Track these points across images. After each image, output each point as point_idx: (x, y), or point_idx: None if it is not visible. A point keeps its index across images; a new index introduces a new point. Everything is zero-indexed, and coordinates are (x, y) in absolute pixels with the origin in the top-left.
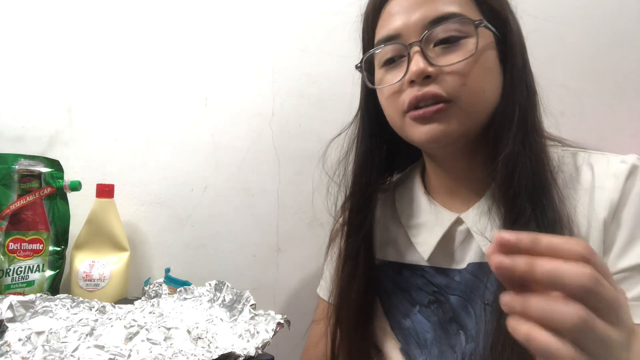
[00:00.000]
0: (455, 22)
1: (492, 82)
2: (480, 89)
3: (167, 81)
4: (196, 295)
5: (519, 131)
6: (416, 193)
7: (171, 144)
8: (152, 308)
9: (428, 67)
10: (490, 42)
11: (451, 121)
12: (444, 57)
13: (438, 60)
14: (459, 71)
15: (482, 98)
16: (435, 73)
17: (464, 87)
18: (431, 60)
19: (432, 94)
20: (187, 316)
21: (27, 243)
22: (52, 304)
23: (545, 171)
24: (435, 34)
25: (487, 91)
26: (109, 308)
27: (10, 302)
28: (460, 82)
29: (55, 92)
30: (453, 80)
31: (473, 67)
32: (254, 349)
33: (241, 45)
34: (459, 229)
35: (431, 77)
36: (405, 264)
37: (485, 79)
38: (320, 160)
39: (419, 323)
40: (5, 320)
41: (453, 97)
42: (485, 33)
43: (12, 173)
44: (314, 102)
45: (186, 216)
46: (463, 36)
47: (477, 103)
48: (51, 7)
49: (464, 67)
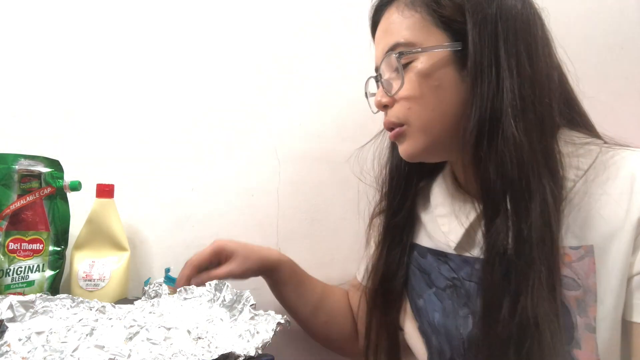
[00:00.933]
0: (394, 52)
1: (446, 96)
2: (425, 109)
3: (167, 81)
4: (196, 295)
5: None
6: (447, 183)
7: (171, 144)
8: (152, 308)
9: (382, 99)
10: (441, 59)
11: (409, 141)
12: (393, 86)
13: (390, 89)
14: (404, 97)
15: (431, 116)
16: (389, 103)
17: (409, 111)
18: (387, 90)
19: (388, 125)
20: (187, 316)
21: (27, 243)
22: (52, 304)
23: (526, 168)
24: (389, 64)
25: (438, 106)
26: (109, 308)
27: (10, 302)
28: (406, 107)
29: (55, 92)
30: (400, 106)
31: (416, 91)
32: (254, 349)
33: (241, 46)
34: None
35: (389, 106)
36: (431, 249)
37: (432, 98)
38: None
39: (430, 303)
40: (5, 320)
41: (405, 121)
42: (430, 54)
43: (12, 173)
44: (314, 102)
45: (186, 216)
46: (409, 62)
47: (427, 121)
48: (51, 7)
49: (407, 93)
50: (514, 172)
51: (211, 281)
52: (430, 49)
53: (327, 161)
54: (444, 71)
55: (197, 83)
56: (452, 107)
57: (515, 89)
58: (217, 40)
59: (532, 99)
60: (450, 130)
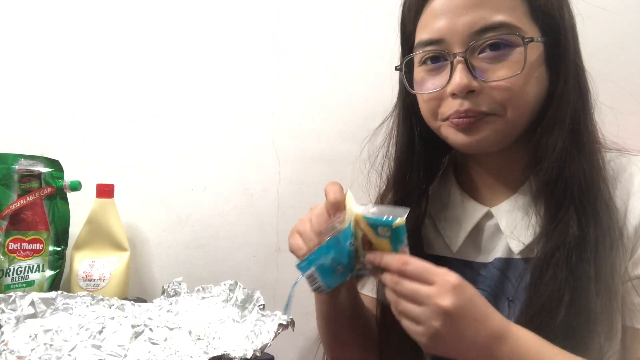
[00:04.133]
0: (503, 35)
1: (539, 91)
2: (525, 101)
3: (168, 81)
4: (214, 295)
5: (569, 133)
6: (448, 186)
7: (171, 144)
8: (170, 307)
9: (472, 82)
10: (540, 52)
11: (492, 131)
12: (489, 71)
13: (483, 73)
14: (505, 87)
15: (527, 109)
16: (479, 88)
17: (508, 102)
18: (475, 73)
19: (474, 112)
20: (201, 316)
21: (27, 243)
22: (72, 301)
23: (597, 176)
24: (481, 44)
25: (534, 101)
26: (128, 306)
27: (32, 298)
28: (505, 97)
29: (55, 92)
30: (498, 95)
31: (521, 83)
32: (252, 351)
33: (241, 46)
34: (488, 223)
35: (475, 92)
36: (430, 255)
37: (531, 91)
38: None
39: None
40: (26, 316)
41: (497, 112)
42: (533, 45)
43: (12, 173)
44: (314, 102)
45: (186, 216)
46: (511, 44)
47: (521, 115)
48: (51, 7)
49: (511, 84)
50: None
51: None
52: (541, 40)
53: (327, 161)
54: (541, 64)
55: (197, 83)
56: (541, 99)
57: (582, 85)
58: (217, 41)
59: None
60: (530, 122)
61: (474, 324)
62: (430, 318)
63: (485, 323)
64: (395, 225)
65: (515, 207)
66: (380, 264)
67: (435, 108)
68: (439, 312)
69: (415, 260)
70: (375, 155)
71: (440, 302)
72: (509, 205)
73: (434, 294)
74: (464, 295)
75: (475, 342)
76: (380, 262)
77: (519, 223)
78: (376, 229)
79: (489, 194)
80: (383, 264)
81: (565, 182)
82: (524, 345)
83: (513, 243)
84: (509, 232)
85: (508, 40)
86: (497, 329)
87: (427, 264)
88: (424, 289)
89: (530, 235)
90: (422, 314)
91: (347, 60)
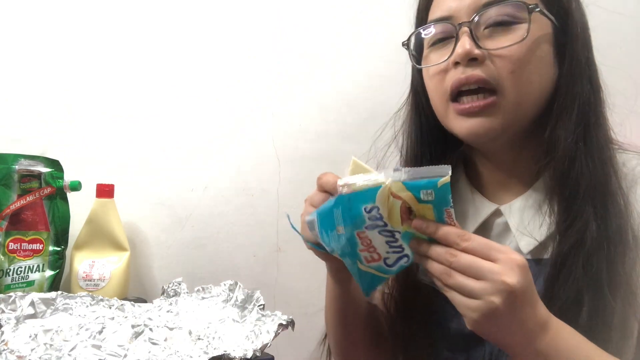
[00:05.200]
0: (508, 5)
1: (544, 74)
2: (528, 78)
3: (168, 81)
4: (214, 295)
5: (578, 126)
6: (459, 181)
7: (171, 144)
8: (170, 307)
9: (474, 49)
10: (547, 32)
11: (496, 116)
12: (493, 40)
13: (487, 42)
14: (507, 56)
15: (531, 89)
16: (481, 56)
17: (511, 75)
18: (479, 42)
19: (476, 78)
20: (201, 316)
21: (27, 243)
22: (72, 301)
23: (609, 172)
24: (488, 16)
25: (537, 82)
26: (127, 307)
27: (32, 298)
28: (507, 68)
29: (55, 92)
30: (500, 65)
31: (523, 54)
32: (252, 351)
33: (241, 46)
34: (497, 221)
35: (477, 60)
36: None
37: (535, 68)
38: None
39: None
40: (26, 316)
41: (498, 84)
42: (541, 20)
43: (12, 173)
44: (314, 102)
45: (186, 216)
46: (517, 21)
47: (524, 94)
48: (51, 7)
49: (513, 52)
50: (606, 172)
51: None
52: (549, 17)
53: (327, 161)
54: (547, 46)
55: (197, 83)
56: (544, 89)
57: (594, 82)
58: (217, 41)
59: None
60: (533, 115)
61: (529, 307)
62: (491, 294)
63: (536, 309)
64: (441, 184)
65: (527, 205)
66: (435, 234)
67: (440, 83)
68: (503, 288)
69: (476, 236)
70: (383, 153)
71: (507, 280)
72: (521, 202)
73: (499, 271)
74: (528, 277)
75: (523, 326)
76: (434, 233)
77: (530, 221)
78: (418, 193)
79: (499, 191)
80: (439, 235)
81: (577, 178)
82: (564, 337)
83: (523, 242)
84: (517, 231)
85: (512, 15)
86: (543, 317)
87: (489, 241)
88: (487, 264)
89: (544, 233)
90: (482, 289)
91: (347, 60)
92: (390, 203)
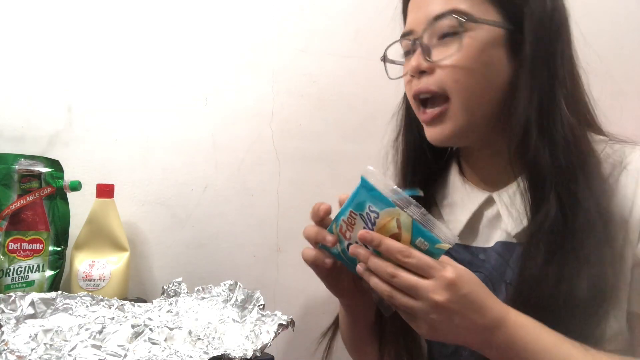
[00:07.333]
0: (448, 18)
1: (494, 76)
2: (474, 84)
3: (168, 81)
4: (214, 295)
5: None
6: (451, 174)
7: (171, 144)
8: (170, 307)
9: (422, 63)
10: (495, 35)
11: (446, 123)
12: (442, 50)
13: (437, 53)
14: (450, 65)
15: (479, 92)
16: (430, 68)
17: (455, 83)
18: (432, 53)
19: (425, 89)
20: (201, 316)
21: (27, 243)
22: (72, 301)
23: (575, 160)
24: (437, 28)
25: (486, 85)
26: (127, 307)
27: (32, 298)
28: (451, 77)
29: (55, 92)
30: (444, 74)
31: (464, 62)
32: (252, 351)
33: (241, 45)
34: (489, 209)
35: (427, 72)
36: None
37: (481, 74)
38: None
39: None
40: (26, 316)
41: (446, 92)
42: (484, 28)
43: (12, 173)
44: (314, 102)
45: (186, 216)
46: (463, 30)
47: (472, 99)
48: (51, 7)
49: (455, 62)
50: (567, 158)
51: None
52: (491, 22)
53: (327, 161)
54: (496, 50)
55: (197, 83)
56: (498, 89)
57: (567, 81)
58: (217, 41)
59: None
60: (490, 114)
61: (473, 313)
62: (427, 312)
63: (481, 315)
64: (439, 247)
65: (516, 193)
66: (379, 247)
67: (410, 92)
68: (435, 306)
69: (416, 253)
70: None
71: (436, 297)
72: (511, 190)
73: (431, 289)
74: (462, 290)
75: (472, 330)
76: (378, 246)
77: (518, 208)
78: (416, 238)
79: (490, 180)
80: (382, 248)
81: (536, 163)
82: (521, 332)
83: (509, 227)
84: (507, 217)
85: (454, 26)
86: (494, 319)
87: (428, 258)
88: (422, 283)
89: (525, 219)
90: (420, 308)
91: (347, 60)
92: (388, 225)
